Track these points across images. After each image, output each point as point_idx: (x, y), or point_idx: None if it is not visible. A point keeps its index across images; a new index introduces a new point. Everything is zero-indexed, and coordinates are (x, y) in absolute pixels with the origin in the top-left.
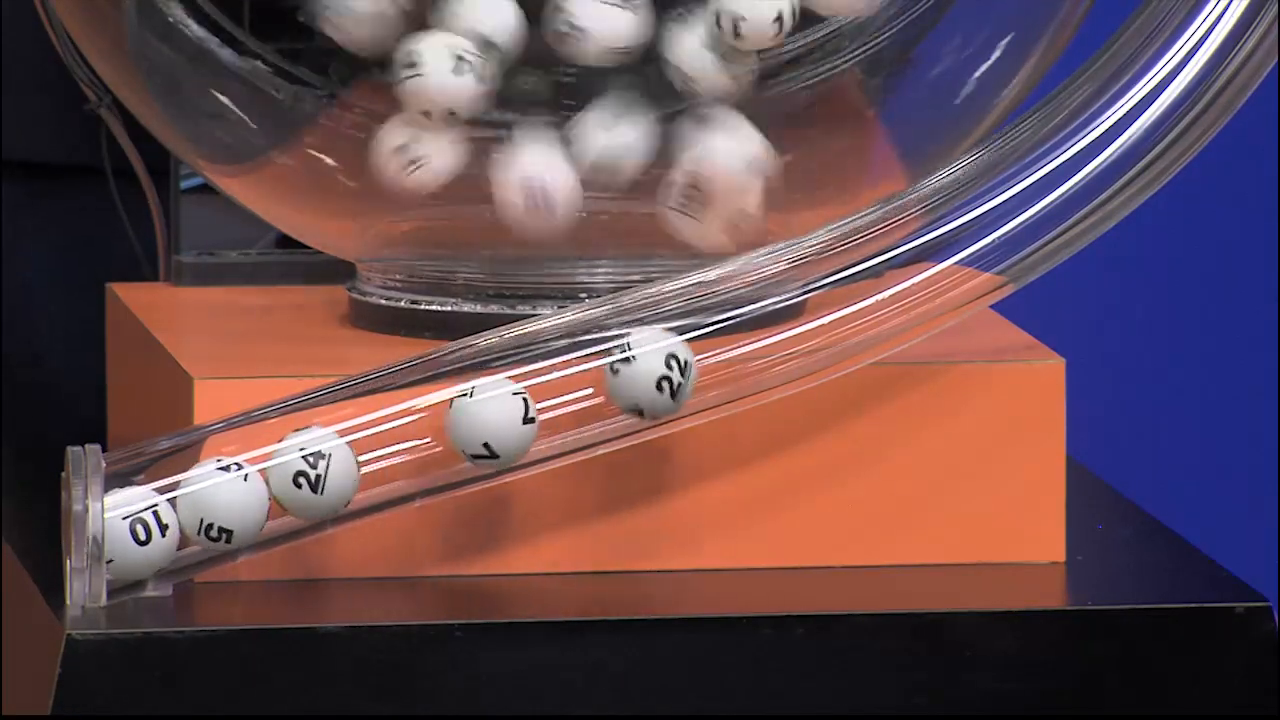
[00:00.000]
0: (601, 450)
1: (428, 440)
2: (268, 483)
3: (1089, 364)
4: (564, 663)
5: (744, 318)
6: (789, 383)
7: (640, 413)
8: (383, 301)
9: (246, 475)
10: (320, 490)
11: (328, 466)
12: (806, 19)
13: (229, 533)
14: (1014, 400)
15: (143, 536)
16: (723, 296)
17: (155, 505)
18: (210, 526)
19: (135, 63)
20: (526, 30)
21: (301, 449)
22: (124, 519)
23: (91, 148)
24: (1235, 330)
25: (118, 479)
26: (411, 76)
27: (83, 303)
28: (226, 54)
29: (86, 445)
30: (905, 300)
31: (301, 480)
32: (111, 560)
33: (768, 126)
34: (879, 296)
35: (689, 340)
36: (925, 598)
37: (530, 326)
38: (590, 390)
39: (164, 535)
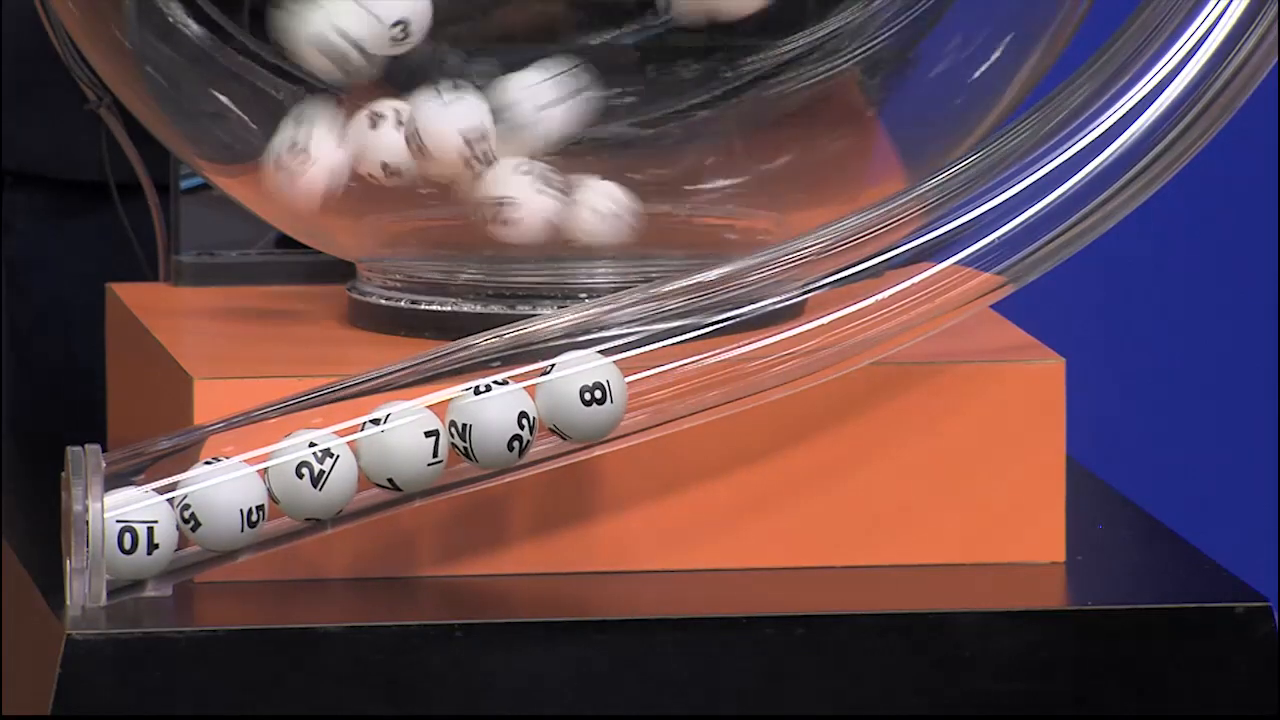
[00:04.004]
0: (601, 450)
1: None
2: (268, 474)
3: (1089, 364)
4: (564, 663)
5: (744, 318)
6: (789, 383)
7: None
8: (383, 301)
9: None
10: (320, 487)
11: (333, 466)
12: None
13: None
14: (1014, 400)
15: (148, 540)
16: (723, 296)
17: (155, 516)
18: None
19: (135, 63)
20: None
21: (313, 444)
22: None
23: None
24: (1235, 330)
25: (118, 479)
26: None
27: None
28: (226, 54)
29: (86, 445)
30: (905, 300)
31: (304, 471)
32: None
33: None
34: (879, 296)
35: (689, 340)
36: (925, 598)
37: (530, 326)
38: None
39: (150, 553)
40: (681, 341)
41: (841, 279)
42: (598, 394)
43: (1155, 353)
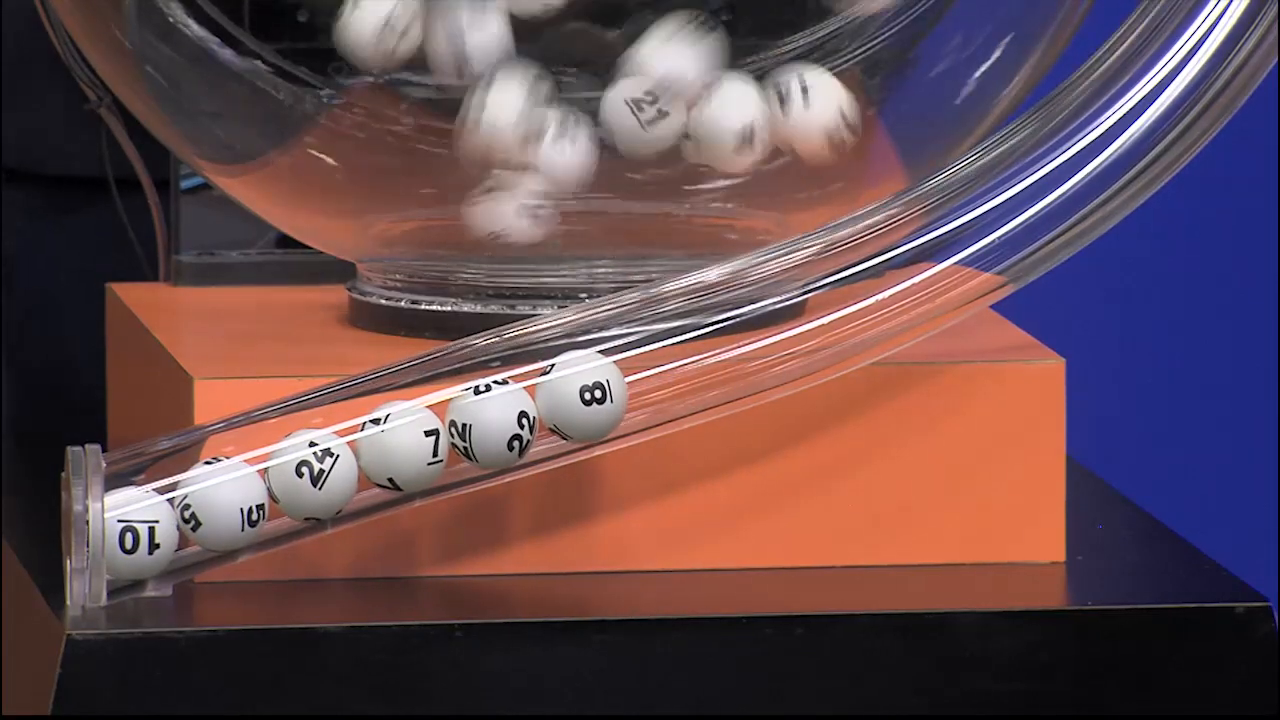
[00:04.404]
0: (601, 450)
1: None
2: (268, 474)
3: (1089, 364)
4: (564, 663)
5: (744, 318)
6: (789, 383)
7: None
8: (383, 301)
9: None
10: (320, 486)
11: (333, 465)
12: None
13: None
14: (1014, 400)
15: (148, 540)
16: (723, 296)
17: (155, 516)
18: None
19: (135, 63)
20: None
21: (313, 444)
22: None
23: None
24: (1235, 330)
25: (118, 479)
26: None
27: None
28: (226, 54)
29: (86, 445)
30: (905, 300)
31: (304, 471)
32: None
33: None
34: (879, 296)
35: (689, 340)
36: (925, 598)
37: (530, 326)
38: None
39: (151, 553)
40: (681, 341)
41: (841, 279)
42: (598, 394)
43: (1155, 353)
